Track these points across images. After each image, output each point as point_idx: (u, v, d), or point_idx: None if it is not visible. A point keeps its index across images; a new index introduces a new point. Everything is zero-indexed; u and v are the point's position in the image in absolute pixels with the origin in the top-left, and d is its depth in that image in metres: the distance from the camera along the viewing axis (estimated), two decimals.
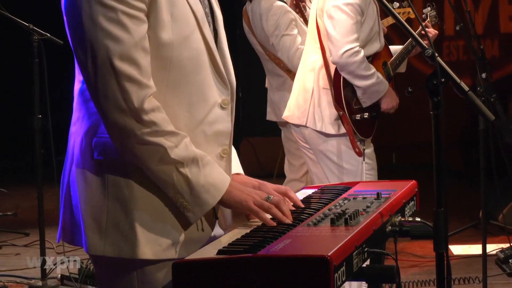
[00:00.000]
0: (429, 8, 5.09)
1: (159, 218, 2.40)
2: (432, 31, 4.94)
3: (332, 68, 4.58)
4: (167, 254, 2.38)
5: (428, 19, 5.08)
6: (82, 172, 2.44)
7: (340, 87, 4.53)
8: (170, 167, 2.35)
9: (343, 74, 4.52)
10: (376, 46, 4.68)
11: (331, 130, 4.59)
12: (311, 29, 4.81)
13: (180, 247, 2.41)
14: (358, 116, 4.57)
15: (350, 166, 4.64)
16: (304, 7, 5.95)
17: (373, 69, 4.51)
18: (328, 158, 4.65)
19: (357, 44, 4.42)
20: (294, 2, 5.93)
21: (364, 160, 4.66)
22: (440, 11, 10.19)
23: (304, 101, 4.68)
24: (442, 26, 5.00)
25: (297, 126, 4.79)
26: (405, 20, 4.87)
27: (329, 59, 4.57)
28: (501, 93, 9.55)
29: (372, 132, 4.71)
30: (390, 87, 4.68)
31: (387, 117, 4.86)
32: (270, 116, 6.08)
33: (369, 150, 4.72)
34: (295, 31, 5.60)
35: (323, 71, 4.61)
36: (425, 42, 2.64)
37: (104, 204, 2.40)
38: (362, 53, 4.43)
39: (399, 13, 4.92)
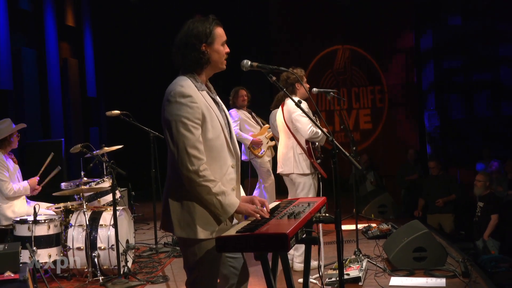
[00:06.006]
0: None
1: (207, 219, 2.36)
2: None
3: (303, 143, 4.51)
4: (211, 236, 2.34)
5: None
6: (172, 197, 2.40)
7: (311, 149, 4.47)
8: (212, 196, 2.31)
9: (311, 140, 4.47)
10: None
11: (307, 171, 4.49)
12: (283, 129, 4.67)
13: (217, 232, 2.35)
14: (318, 161, 4.52)
15: (315, 185, 4.56)
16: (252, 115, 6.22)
17: (320, 131, 4.42)
18: (304, 184, 4.52)
19: (312, 127, 4.38)
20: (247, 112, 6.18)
21: (320, 181, 4.63)
22: (332, 117, 10.35)
23: (289, 162, 4.56)
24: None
25: (287, 175, 4.64)
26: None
27: (300, 140, 4.51)
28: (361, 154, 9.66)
29: (321, 169, 4.61)
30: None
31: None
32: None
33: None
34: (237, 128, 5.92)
35: (298, 146, 4.52)
36: (325, 129, 2.64)
37: (181, 213, 2.37)
38: (314, 129, 4.38)
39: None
